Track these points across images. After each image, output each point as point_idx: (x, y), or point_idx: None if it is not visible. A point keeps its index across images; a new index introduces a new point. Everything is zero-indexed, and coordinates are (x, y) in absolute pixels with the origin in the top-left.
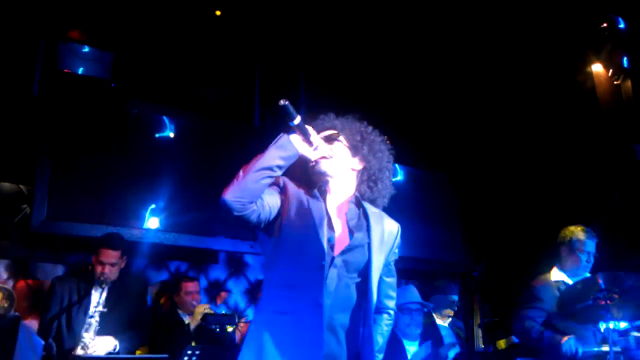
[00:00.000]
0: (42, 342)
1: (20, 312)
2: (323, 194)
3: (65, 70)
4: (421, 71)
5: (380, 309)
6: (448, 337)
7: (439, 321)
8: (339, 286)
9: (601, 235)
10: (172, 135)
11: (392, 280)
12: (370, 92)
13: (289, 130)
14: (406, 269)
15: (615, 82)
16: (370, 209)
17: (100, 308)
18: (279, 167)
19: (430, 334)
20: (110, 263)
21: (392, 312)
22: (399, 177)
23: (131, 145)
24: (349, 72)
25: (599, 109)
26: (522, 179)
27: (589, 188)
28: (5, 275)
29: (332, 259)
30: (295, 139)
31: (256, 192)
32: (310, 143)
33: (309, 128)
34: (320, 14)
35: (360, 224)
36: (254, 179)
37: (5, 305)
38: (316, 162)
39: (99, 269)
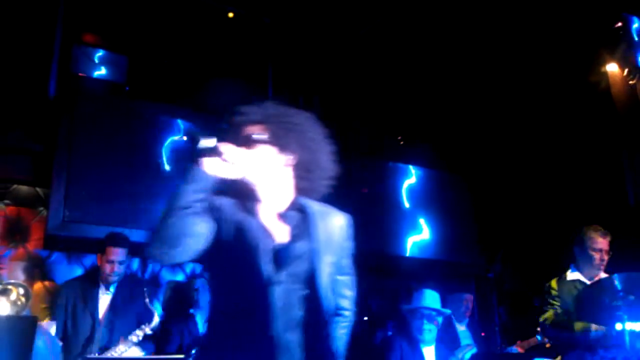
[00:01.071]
0: (60, 344)
1: (38, 314)
2: (257, 205)
3: (80, 74)
4: (435, 73)
5: (335, 310)
6: (465, 339)
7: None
8: (288, 303)
9: (616, 236)
10: (185, 138)
11: (346, 278)
12: (385, 94)
13: (200, 155)
14: (421, 270)
15: (630, 82)
16: (314, 208)
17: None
18: (199, 200)
19: (447, 335)
20: (119, 261)
21: (347, 312)
22: (414, 179)
23: (146, 148)
24: (363, 75)
25: (614, 109)
26: (537, 180)
27: (604, 188)
28: (22, 277)
29: (277, 275)
30: (209, 163)
31: (180, 236)
32: (225, 160)
33: (222, 145)
34: (334, 14)
35: (303, 229)
36: (174, 224)
37: (23, 300)
38: (238, 177)
39: (108, 268)
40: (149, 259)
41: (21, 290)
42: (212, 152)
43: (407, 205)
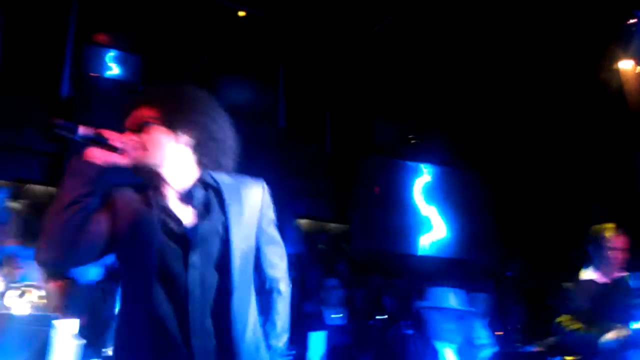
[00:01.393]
0: (80, 342)
1: (56, 312)
2: (158, 189)
3: (93, 74)
4: (449, 72)
5: (267, 285)
6: (483, 338)
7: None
8: (204, 286)
9: (632, 234)
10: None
11: (275, 247)
12: (398, 93)
13: (80, 146)
14: (438, 269)
15: None
16: (223, 181)
17: None
18: (89, 194)
19: (465, 334)
20: None
21: (281, 284)
22: (429, 178)
23: None
24: (376, 74)
25: (627, 106)
26: (556, 178)
27: (621, 187)
28: (39, 277)
29: (189, 258)
30: (93, 153)
31: (73, 237)
32: (112, 148)
33: (105, 132)
34: (346, 12)
35: (212, 206)
36: (63, 225)
37: (40, 302)
38: (131, 163)
39: None
40: (43, 267)
41: (38, 292)
42: (95, 140)
43: (422, 203)
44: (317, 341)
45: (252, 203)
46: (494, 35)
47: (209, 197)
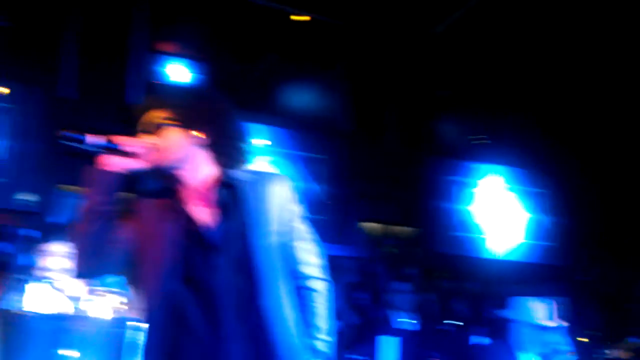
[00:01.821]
0: None
1: (139, 316)
2: (177, 193)
3: (157, 82)
4: (513, 70)
5: (300, 283)
6: (562, 345)
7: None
8: (234, 291)
9: None
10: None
11: (304, 243)
12: (468, 92)
13: (92, 155)
14: (512, 273)
15: None
16: (245, 178)
17: None
18: (108, 202)
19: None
20: None
21: (314, 282)
22: (499, 179)
23: None
24: (438, 75)
25: None
26: (634, 179)
27: None
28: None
29: (214, 261)
30: (107, 160)
31: (100, 247)
32: (127, 153)
33: (115, 137)
34: (406, 12)
35: (232, 206)
36: (88, 237)
37: (123, 308)
38: (147, 167)
39: None
40: (82, 279)
41: (120, 297)
42: (106, 147)
43: (493, 206)
44: (387, 346)
45: (275, 199)
46: (566, 35)
47: (230, 197)
